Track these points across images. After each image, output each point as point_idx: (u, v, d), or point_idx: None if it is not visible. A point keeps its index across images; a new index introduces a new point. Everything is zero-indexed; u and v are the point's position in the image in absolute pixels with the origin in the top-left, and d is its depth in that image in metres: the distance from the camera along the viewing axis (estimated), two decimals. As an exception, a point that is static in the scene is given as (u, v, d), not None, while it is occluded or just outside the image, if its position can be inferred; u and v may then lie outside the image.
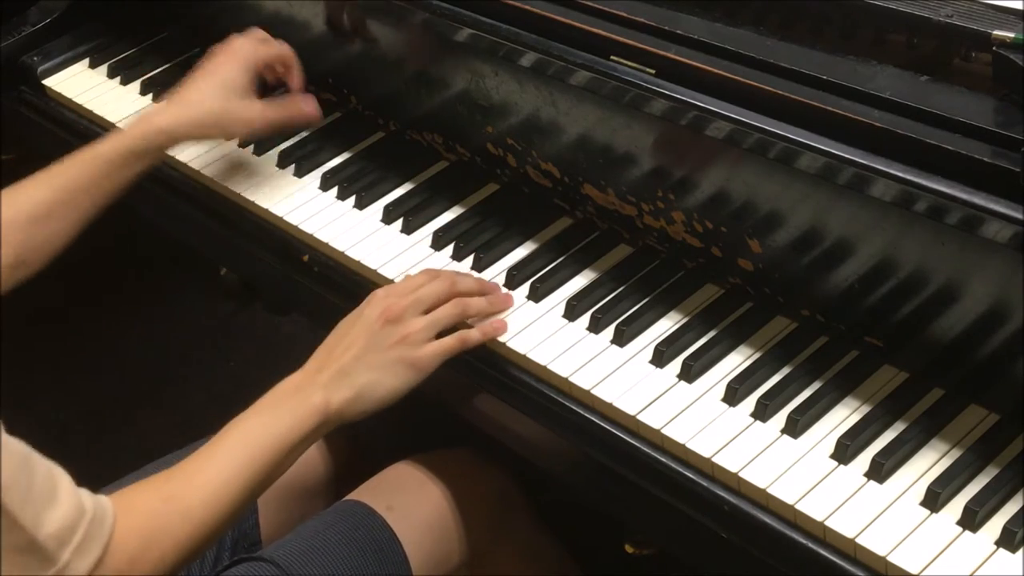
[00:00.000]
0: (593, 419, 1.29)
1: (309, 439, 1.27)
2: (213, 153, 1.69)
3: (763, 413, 1.24)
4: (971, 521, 1.12)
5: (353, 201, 1.58)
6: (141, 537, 1.13)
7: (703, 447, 1.22)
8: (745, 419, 1.24)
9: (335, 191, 1.61)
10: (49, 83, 1.89)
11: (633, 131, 1.37)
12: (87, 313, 2.66)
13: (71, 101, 1.86)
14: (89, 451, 2.38)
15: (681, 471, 1.22)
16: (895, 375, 1.26)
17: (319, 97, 1.70)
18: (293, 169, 1.65)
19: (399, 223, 1.54)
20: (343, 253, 1.52)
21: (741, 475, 1.19)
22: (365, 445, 1.67)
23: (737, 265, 1.35)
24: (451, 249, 1.50)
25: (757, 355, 1.31)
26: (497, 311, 1.38)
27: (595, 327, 1.36)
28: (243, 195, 1.63)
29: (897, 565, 1.10)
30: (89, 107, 1.83)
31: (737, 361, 1.30)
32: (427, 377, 1.32)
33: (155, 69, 1.89)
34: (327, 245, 1.54)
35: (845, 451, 1.19)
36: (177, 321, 2.69)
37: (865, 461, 1.18)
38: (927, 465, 1.18)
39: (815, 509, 1.15)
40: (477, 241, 1.49)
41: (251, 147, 1.69)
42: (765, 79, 1.25)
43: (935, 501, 1.14)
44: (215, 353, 2.61)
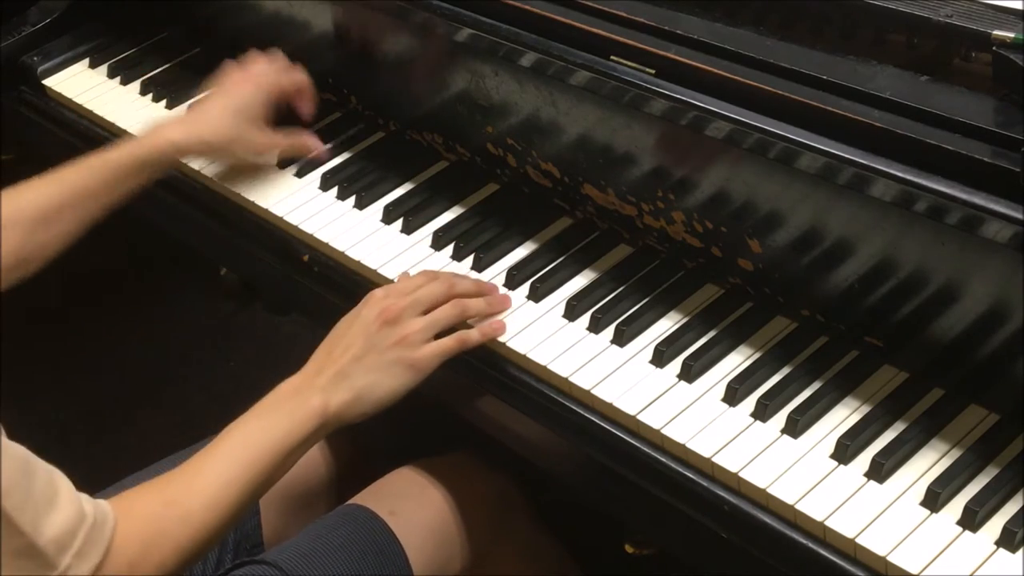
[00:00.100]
0: (593, 419, 1.29)
1: (309, 442, 1.27)
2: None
3: (763, 413, 1.24)
4: (971, 521, 1.12)
5: (353, 201, 1.58)
6: (141, 541, 1.13)
7: (703, 447, 1.22)
8: (745, 419, 1.24)
9: (335, 191, 1.60)
10: (49, 83, 1.89)
11: (633, 131, 1.36)
12: (87, 313, 2.66)
13: (71, 101, 1.86)
14: (89, 451, 2.38)
15: (681, 471, 1.22)
16: (895, 375, 1.26)
17: (319, 97, 1.70)
18: (293, 169, 1.65)
19: (399, 223, 1.54)
20: (343, 253, 1.52)
21: (741, 475, 1.19)
22: (366, 447, 1.67)
23: (737, 265, 1.35)
24: (451, 249, 1.50)
25: (757, 355, 1.30)
26: (495, 312, 1.38)
27: (595, 327, 1.36)
28: (243, 195, 1.63)
29: (897, 565, 1.10)
30: (89, 107, 1.83)
31: (737, 361, 1.30)
32: (426, 378, 1.32)
33: (155, 69, 1.89)
34: (327, 245, 1.54)
35: (845, 451, 1.19)
36: (177, 321, 2.69)
37: (865, 461, 1.18)
38: (927, 465, 1.18)
39: (815, 509, 1.15)
40: (477, 241, 1.49)
41: (251, 147, 1.69)
42: (765, 79, 1.25)
43: (935, 501, 1.14)
44: (215, 353, 2.61)
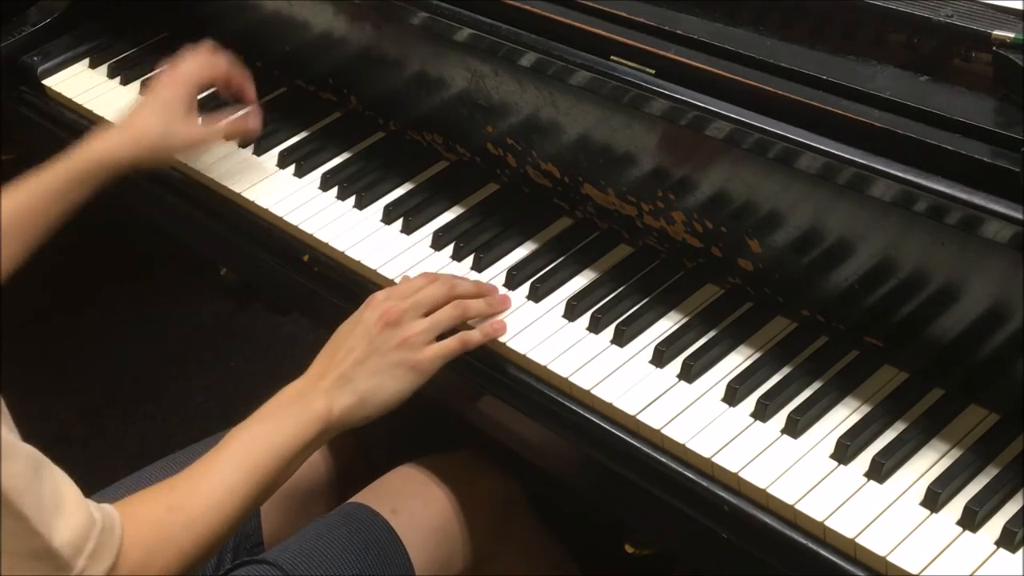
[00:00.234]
0: (593, 419, 1.29)
1: (312, 446, 1.27)
2: (213, 153, 1.68)
3: (763, 413, 1.24)
4: (971, 521, 1.12)
5: (353, 201, 1.58)
6: (146, 547, 1.14)
7: (703, 447, 1.22)
8: (745, 419, 1.24)
9: (335, 191, 1.60)
10: (49, 83, 1.89)
11: (633, 131, 1.36)
12: (87, 313, 2.66)
13: (71, 101, 1.86)
14: (89, 451, 2.38)
15: (681, 471, 1.22)
16: (895, 375, 1.26)
17: (319, 97, 1.70)
18: (293, 169, 1.65)
19: (399, 223, 1.54)
20: (343, 253, 1.52)
21: (741, 475, 1.19)
22: (367, 447, 1.67)
23: (737, 265, 1.35)
24: (451, 249, 1.50)
25: (757, 355, 1.30)
26: (496, 312, 1.38)
27: (595, 327, 1.36)
28: (243, 195, 1.62)
29: (897, 565, 1.10)
30: (89, 107, 1.83)
31: (737, 361, 1.30)
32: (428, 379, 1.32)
33: (155, 69, 1.88)
34: (327, 245, 1.54)
35: (845, 451, 1.19)
36: (177, 321, 2.69)
37: (865, 461, 1.18)
38: (927, 465, 1.18)
39: (815, 509, 1.15)
40: (477, 241, 1.49)
41: (251, 147, 1.69)
42: (765, 79, 1.25)
43: (935, 501, 1.14)
44: (215, 353, 2.61)
